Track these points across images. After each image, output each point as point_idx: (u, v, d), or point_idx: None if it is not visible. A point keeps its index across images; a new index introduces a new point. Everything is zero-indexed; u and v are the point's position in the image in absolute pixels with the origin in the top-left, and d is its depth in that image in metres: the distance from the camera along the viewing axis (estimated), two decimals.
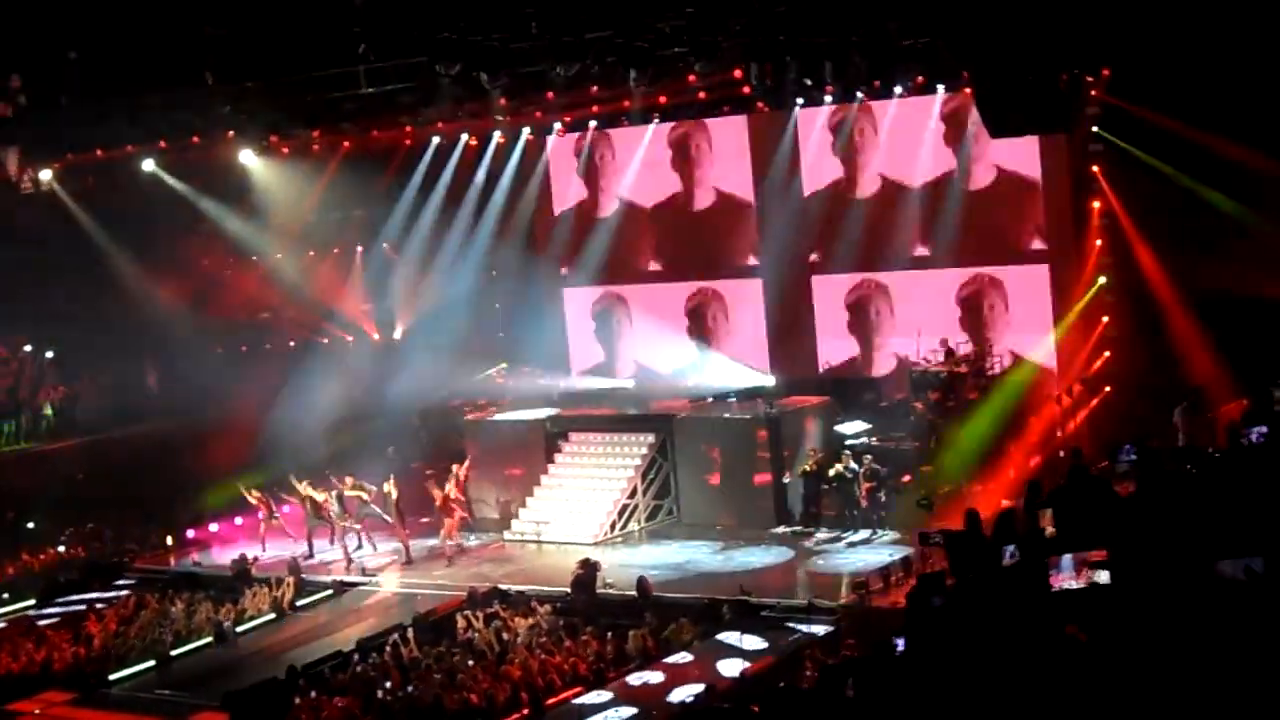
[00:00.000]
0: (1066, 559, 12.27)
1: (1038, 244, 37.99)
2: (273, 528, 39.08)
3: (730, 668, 27.20)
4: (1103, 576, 11.72)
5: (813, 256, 40.95)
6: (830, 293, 41.07)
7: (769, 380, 39.74)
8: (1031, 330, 37.96)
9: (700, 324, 43.40)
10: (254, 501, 38.99)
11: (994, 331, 38.40)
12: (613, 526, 37.88)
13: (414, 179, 43.73)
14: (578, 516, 38.13)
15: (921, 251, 39.57)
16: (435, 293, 44.88)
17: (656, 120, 41.17)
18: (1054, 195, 37.45)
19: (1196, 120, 32.29)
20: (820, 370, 41.17)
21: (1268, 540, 12.60)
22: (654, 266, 44.21)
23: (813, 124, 40.33)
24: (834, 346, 41.14)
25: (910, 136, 38.89)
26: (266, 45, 34.46)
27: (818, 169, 40.69)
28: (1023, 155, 37.04)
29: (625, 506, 38.15)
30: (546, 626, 30.42)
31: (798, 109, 39.66)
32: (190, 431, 42.45)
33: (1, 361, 43.86)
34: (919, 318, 39.22)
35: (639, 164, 43.35)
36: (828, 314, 41.16)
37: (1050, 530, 14.08)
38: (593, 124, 41.71)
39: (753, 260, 42.33)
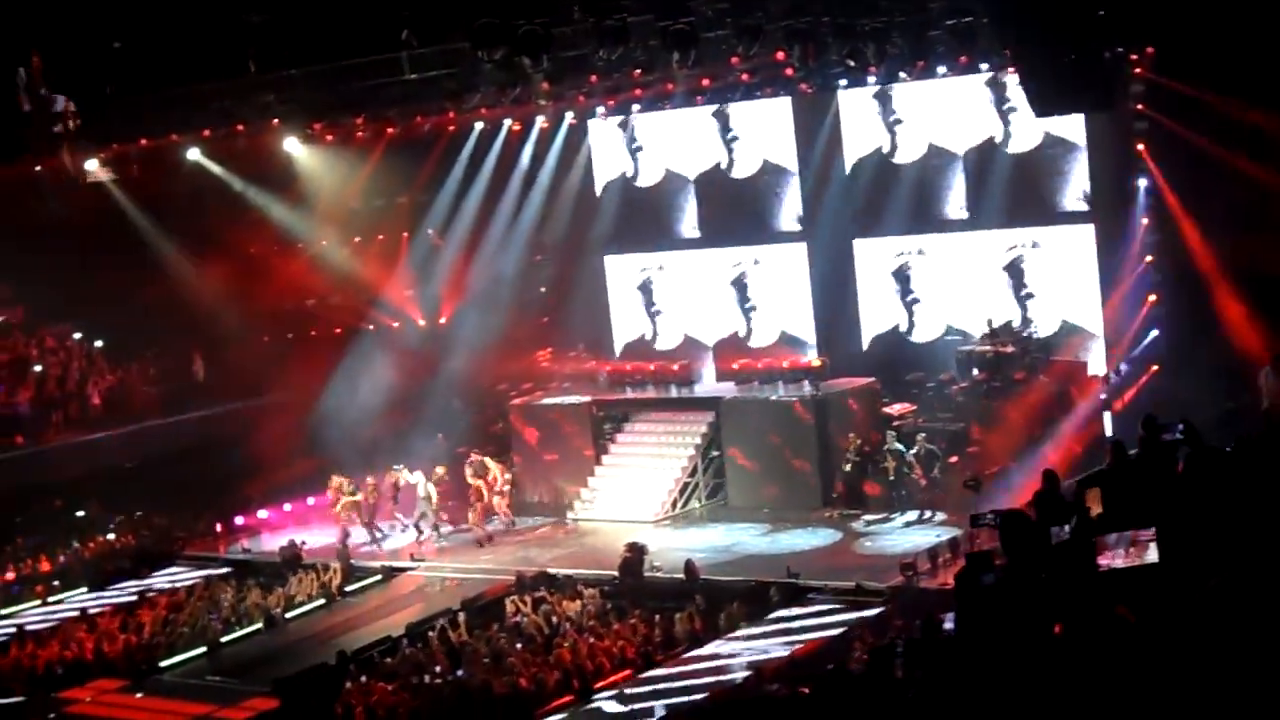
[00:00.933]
0: (1115, 537, 12.22)
1: (1083, 206, 37.89)
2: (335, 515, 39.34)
3: (779, 650, 27.26)
4: (1152, 555, 11.67)
5: (858, 221, 40.92)
6: (874, 257, 41.03)
7: (816, 360, 39.87)
8: (1078, 294, 37.93)
9: (744, 291, 43.42)
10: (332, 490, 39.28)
11: (1039, 295, 38.36)
12: (674, 505, 38.10)
13: (458, 165, 43.79)
14: (638, 496, 38.46)
15: (965, 214, 39.58)
16: (480, 278, 44.95)
17: (700, 103, 41.13)
18: (1099, 169, 37.31)
19: (1242, 96, 32.11)
20: (864, 337, 41.19)
21: None
22: (697, 234, 44.24)
23: (856, 101, 40.27)
24: (878, 311, 41.10)
25: (954, 101, 38.92)
26: (309, 33, 34.47)
27: (861, 135, 40.70)
28: (1068, 121, 36.84)
29: (686, 485, 38.40)
30: (594, 610, 30.47)
31: (840, 90, 39.60)
32: (238, 418, 42.60)
33: (50, 351, 44.03)
34: (963, 281, 39.37)
35: (681, 134, 43.35)
36: (871, 278, 41.13)
37: (1096, 509, 14.03)
38: (636, 107, 41.68)
39: (796, 225, 42.32)
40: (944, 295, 39.91)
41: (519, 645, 28.85)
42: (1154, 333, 36.12)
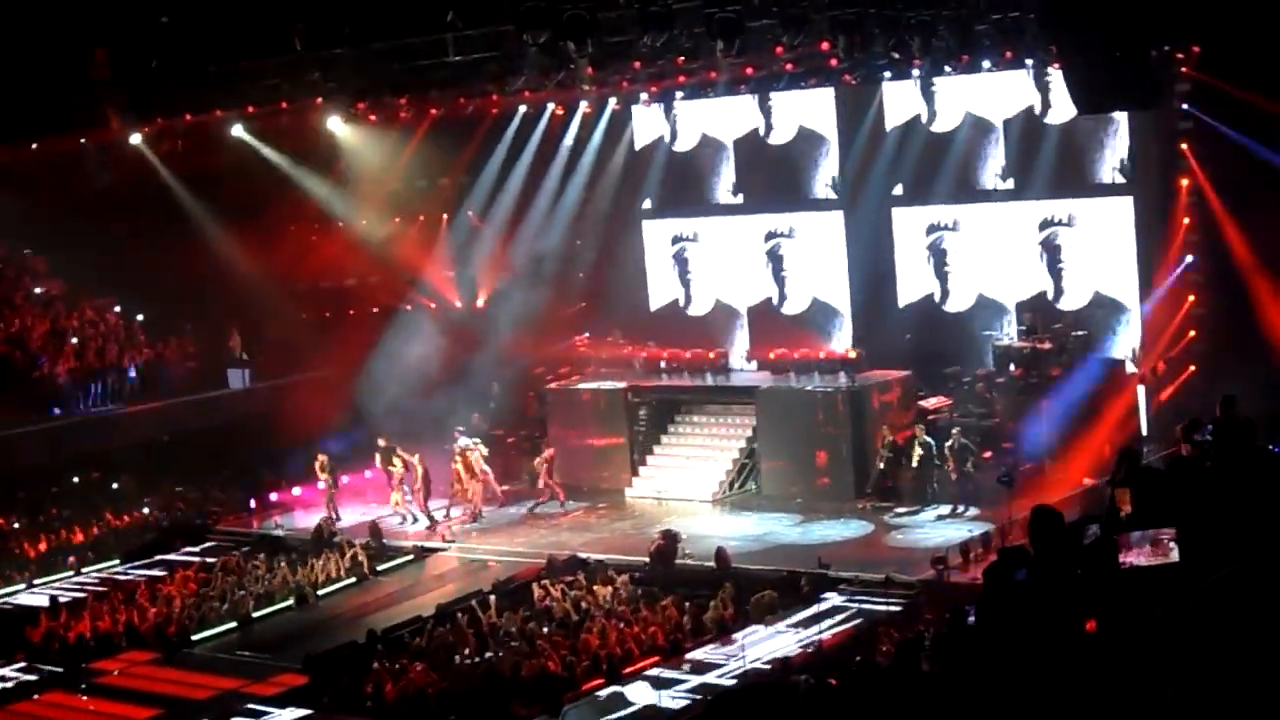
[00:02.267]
0: (1139, 535, 12.20)
1: (1121, 179, 37.83)
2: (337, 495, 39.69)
3: (806, 641, 27.32)
4: (1174, 555, 11.66)
5: (895, 189, 40.93)
6: (910, 225, 41.09)
7: (852, 352, 39.94)
8: (1113, 266, 37.92)
9: (777, 258, 43.46)
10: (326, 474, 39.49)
11: (1074, 266, 38.39)
12: (731, 486, 38.51)
13: (500, 147, 43.91)
14: (695, 478, 38.97)
15: (1002, 184, 39.55)
16: (519, 261, 45.05)
17: (743, 91, 41.11)
18: (1139, 145, 37.21)
19: None
20: (899, 305, 41.27)
21: None
22: (733, 199, 44.28)
23: (898, 92, 40.29)
24: (912, 280, 41.17)
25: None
26: (355, 12, 34.55)
27: (899, 104, 40.65)
28: None
29: (744, 467, 38.87)
30: (625, 596, 30.51)
31: (884, 83, 39.55)
32: (273, 395, 42.74)
33: (90, 324, 44.19)
34: (998, 251, 39.51)
35: (719, 100, 42.98)
36: (907, 247, 41.19)
37: (1126, 509, 14.00)
38: (679, 94, 41.67)
39: (833, 193, 42.35)
40: (978, 265, 40.05)
41: (547, 629, 28.93)
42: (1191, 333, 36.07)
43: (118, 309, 45.14)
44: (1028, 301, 38.78)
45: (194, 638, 31.87)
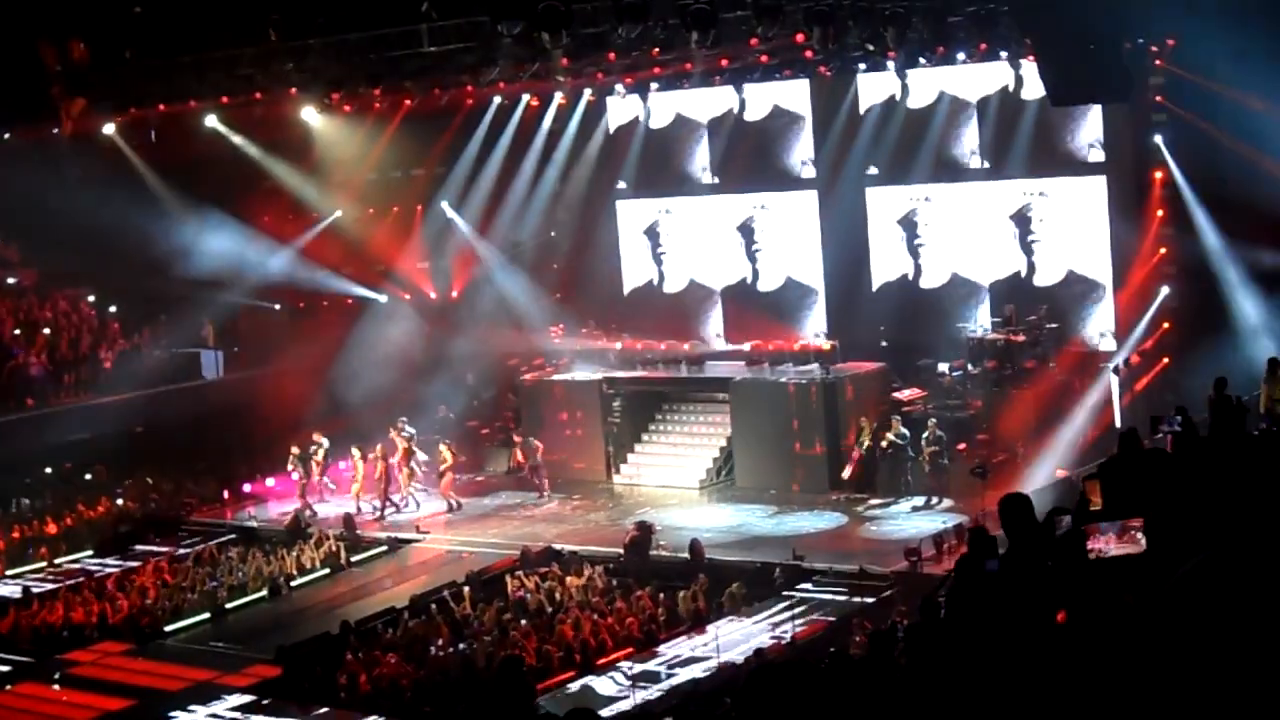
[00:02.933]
0: (1107, 525, 12.21)
1: (1095, 157, 37.85)
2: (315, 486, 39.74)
3: (780, 633, 27.35)
4: (1142, 544, 11.68)
5: (869, 169, 40.92)
6: (884, 203, 41.05)
7: (826, 344, 39.92)
8: (1087, 244, 37.98)
9: (751, 236, 43.51)
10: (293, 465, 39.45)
11: (1047, 244, 38.48)
12: (718, 474, 38.75)
13: (475, 139, 43.81)
14: (680, 467, 39.28)
15: (976, 162, 39.59)
16: (493, 252, 44.98)
17: (718, 83, 41.08)
18: (1112, 124, 37.25)
19: (1262, 91, 32.01)
20: (873, 284, 41.25)
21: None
22: (708, 179, 44.25)
23: (873, 80, 40.27)
24: (886, 259, 41.15)
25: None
26: (330, 3, 34.52)
27: (874, 82, 40.49)
28: None
29: (731, 456, 38.99)
30: (600, 586, 30.51)
31: (859, 74, 39.51)
32: (247, 386, 42.66)
33: (63, 314, 44.07)
34: (972, 228, 39.56)
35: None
36: (881, 225, 41.16)
37: (1097, 501, 14.00)
38: (654, 86, 41.65)
39: (808, 173, 42.32)
40: (953, 242, 40.04)
41: (522, 620, 28.93)
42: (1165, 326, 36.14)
43: (91, 299, 44.99)
44: (1002, 282, 38.76)
45: (167, 629, 31.83)
